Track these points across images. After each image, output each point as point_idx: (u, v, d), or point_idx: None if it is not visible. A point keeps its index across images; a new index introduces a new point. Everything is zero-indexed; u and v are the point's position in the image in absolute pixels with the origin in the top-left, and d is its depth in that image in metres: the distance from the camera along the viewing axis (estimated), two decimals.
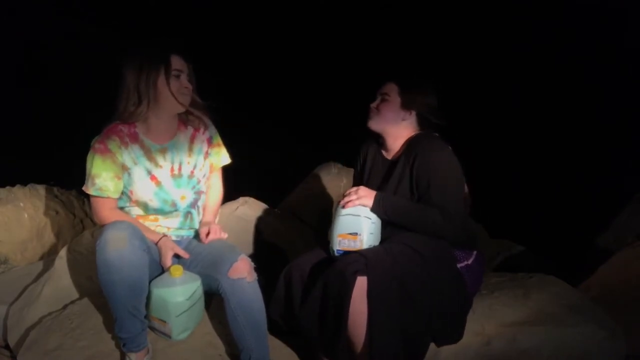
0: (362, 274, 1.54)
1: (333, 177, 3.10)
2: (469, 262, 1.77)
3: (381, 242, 1.76)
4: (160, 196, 1.72)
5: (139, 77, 1.64)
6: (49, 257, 2.40)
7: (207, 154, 1.87)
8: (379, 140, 1.96)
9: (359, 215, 1.72)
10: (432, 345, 1.68)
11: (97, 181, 1.65)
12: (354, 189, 1.80)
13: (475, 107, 5.23)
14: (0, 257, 2.42)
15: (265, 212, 2.78)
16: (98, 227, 2.00)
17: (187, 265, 1.73)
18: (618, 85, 4.81)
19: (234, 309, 1.61)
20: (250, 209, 2.72)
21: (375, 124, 1.87)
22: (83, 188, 1.70)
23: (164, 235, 1.71)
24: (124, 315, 1.52)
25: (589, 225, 3.26)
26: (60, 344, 1.62)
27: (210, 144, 1.88)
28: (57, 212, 2.66)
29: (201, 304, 1.71)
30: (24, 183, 2.71)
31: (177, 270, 1.59)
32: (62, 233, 2.67)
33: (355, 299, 1.52)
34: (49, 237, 2.60)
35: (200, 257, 1.73)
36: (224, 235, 1.78)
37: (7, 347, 1.83)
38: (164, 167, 1.74)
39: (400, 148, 1.87)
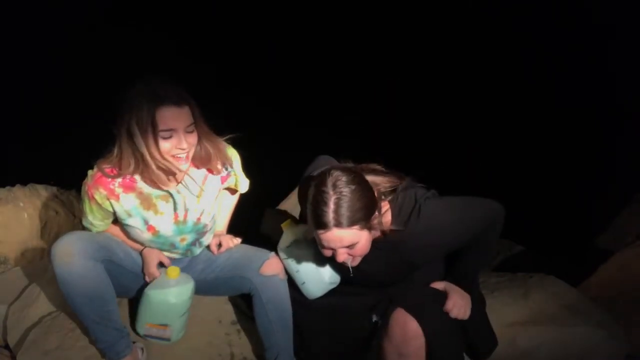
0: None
1: None
2: None
3: (389, 287, 1.60)
4: (157, 242, 1.62)
5: (131, 142, 1.41)
6: (49, 257, 2.39)
7: (219, 191, 1.68)
8: None
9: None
10: None
11: (85, 219, 1.61)
12: (450, 303, 1.52)
13: (475, 107, 5.23)
14: (0, 257, 2.42)
15: (265, 212, 2.77)
16: None
17: (209, 269, 1.70)
18: (618, 85, 4.82)
19: (265, 303, 1.58)
20: None
21: (361, 260, 1.45)
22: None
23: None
24: (92, 325, 1.48)
25: (589, 225, 3.26)
26: (60, 344, 1.62)
27: (228, 176, 1.69)
28: (57, 212, 2.65)
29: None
30: (24, 183, 2.70)
31: (174, 271, 1.57)
32: (62, 233, 2.65)
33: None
34: (49, 237, 2.59)
35: (222, 260, 1.70)
36: (237, 242, 1.74)
37: (7, 347, 1.83)
38: (166, 213, 1.57)
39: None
